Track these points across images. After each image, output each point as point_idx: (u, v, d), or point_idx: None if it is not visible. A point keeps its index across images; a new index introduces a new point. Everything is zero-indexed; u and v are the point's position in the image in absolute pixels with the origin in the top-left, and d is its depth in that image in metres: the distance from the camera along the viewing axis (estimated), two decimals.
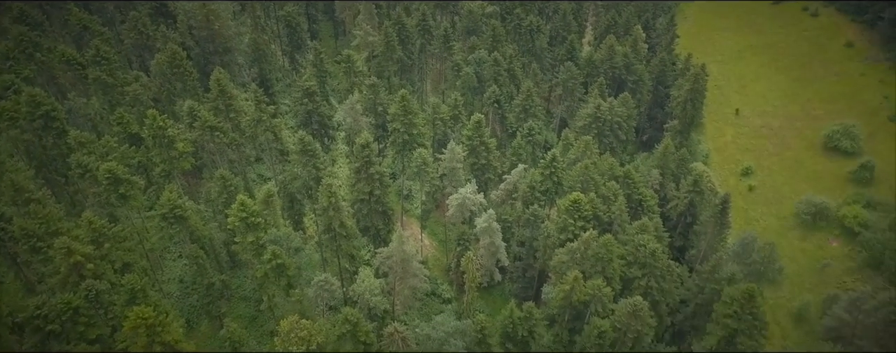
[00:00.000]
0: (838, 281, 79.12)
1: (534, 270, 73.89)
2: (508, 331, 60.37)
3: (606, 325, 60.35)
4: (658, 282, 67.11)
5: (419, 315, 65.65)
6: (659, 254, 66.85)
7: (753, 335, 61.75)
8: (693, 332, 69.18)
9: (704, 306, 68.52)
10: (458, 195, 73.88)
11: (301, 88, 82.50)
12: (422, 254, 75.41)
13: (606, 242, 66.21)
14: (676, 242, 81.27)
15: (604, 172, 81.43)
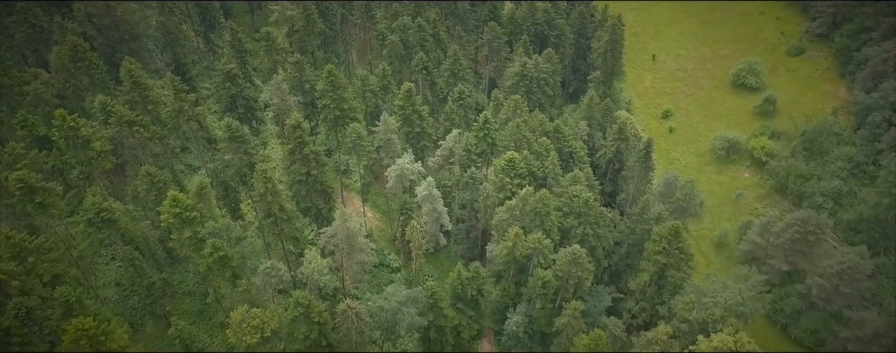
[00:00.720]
0: (751, 208, 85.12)
1: (477, 230, 75.23)
2: (458, 292, 61.69)
3: (549, 275, 62.60)
4: (593, 229, 69.81)
5: (370, 288, 65.93)
6: (592, 202, 69.26)
7: (681, 267, 65.79)
8: (628, 270, 73.03)
9: (636, 245, 72.12)
10: (397, 166, 73.42)
11: (222, 71, 78.17)
12: (366, 227, 75.09)
13: (543, 196, 67.89)
14: (607, 188, 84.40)
15: (535, 129, 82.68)
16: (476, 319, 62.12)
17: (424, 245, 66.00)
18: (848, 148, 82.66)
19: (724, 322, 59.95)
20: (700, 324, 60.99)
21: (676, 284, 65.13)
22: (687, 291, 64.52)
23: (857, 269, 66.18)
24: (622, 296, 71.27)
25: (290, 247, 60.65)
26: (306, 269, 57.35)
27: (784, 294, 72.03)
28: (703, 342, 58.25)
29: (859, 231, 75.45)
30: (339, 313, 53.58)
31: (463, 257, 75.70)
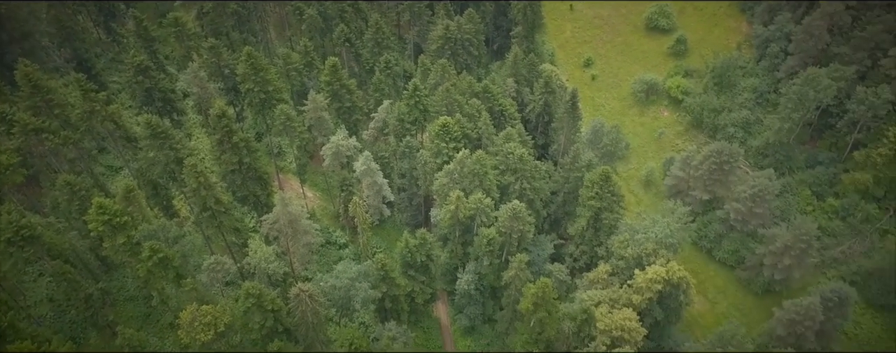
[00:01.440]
0: (672, 145, 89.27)
1: (418, 197, 75.45)
2: (408, 260, 62.25)
3: (493, 232, 63.95)
4: (530, 183, 71.35)
5: (320, 268, 65.40)
6: (526, 158, 70.51)
7: (614, 209, 68.69)
8: (566, 217, 75.59)
9: (572, 193, 74.47)
10: (332, 144, 71.87)
11: (131, 65, 72.73)
12: (307, 208, 73.68)
13: (479, 157, 68.50)
14: (539, 141, 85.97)
15: (464, 91, 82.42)
16: (428, 283, 63.16)
17: (369, 219, 65.70)
18: (752, 79, 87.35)
19: (657, 255, 63.53)
20: (635, 259, 64.49)
21: (611, 225, 68.11)
22: (621, 230, 67.68)
23: (766, 191, 71.21)
24: (563, 242, 73.99)
25: (233, 238, 58.94)
26: (252, 258, 56.09)
27: (707, 221, 76.88)
28: (639, 275, 61.84)
29: (766, 155, 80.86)
30: (292, 298, 53.05)
31: (408, 224, 76.04)
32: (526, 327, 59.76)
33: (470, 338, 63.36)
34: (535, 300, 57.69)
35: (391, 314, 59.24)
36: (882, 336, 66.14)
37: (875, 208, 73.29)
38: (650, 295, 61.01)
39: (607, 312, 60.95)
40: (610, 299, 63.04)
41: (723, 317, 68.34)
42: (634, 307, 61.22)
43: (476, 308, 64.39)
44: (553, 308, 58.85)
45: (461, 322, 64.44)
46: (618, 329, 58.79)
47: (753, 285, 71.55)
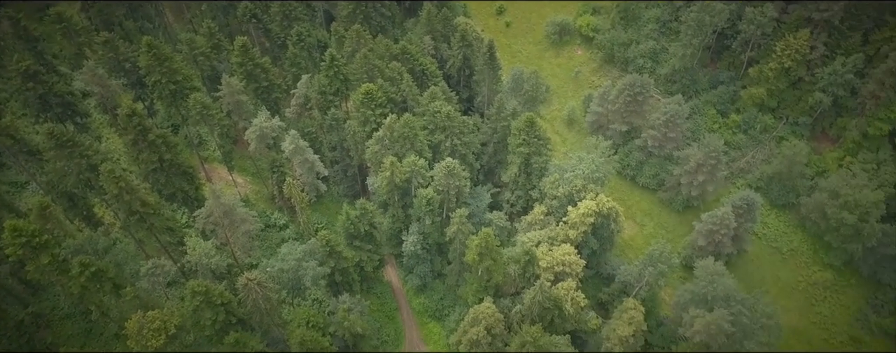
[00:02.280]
0: (589, 82, 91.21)
1: (352, 168, 74.27)
2: (351, 231, 61.93)
3: (430, 192, 64.24)
4: (460, 138, 71.43)
5: (264, 253, 63.96)
6: (453, 114, 70.21)
7: (541, 152, 70.13)
8: (498, 166, 76.72)
9: (501, 142, 75.31)
10: (255, 127, 68.82)
11: (17, 71, 65.69)
12: (240, 195, 71.08)
13: (407, 120, 67.65)
14: (463, 95, 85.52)
15: (382, 54, 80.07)
16: (375, 250, 63.29)
17: (306, 197, 64.25)
18: (654, 10, 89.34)
19: (586, 190, 65.98)
20: (567, 197, 66.78)
21: (541, 168, 69.75)
22: (551, 171, 69.54)
23: (677, 115, 74.59)
24: (499, 189, 75.36)
25: (167, 238, 56.35)
26: (192, 256, 54.07)
27: (627, 151, 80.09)
28: (572, 211, 64.25)
29: (674, 81, 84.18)
30: (240, 288, 51.87)
31: (346, 196, 75.07)
32: (474, 276, 61.52)
33: (423, 295, 64.71)
34: (480, 250, 59.17)
35: (343, 287, 59.32)
36: (785, 231, 72.59)
37: (771, 119, 78.52)
38: (584, 228, 63.73)
39: (548, 250, 63.41)
40: (548, 237, 65.49)
41: (651, 237, 72.66)
42: (571, 242, 63.95)
43: (425, 267, 65.43)
44: (497, 255, 60.65)
45: (412, 282, 65.49)
46: (559, 265, 61.44)
47: (674, 203, 76.05)
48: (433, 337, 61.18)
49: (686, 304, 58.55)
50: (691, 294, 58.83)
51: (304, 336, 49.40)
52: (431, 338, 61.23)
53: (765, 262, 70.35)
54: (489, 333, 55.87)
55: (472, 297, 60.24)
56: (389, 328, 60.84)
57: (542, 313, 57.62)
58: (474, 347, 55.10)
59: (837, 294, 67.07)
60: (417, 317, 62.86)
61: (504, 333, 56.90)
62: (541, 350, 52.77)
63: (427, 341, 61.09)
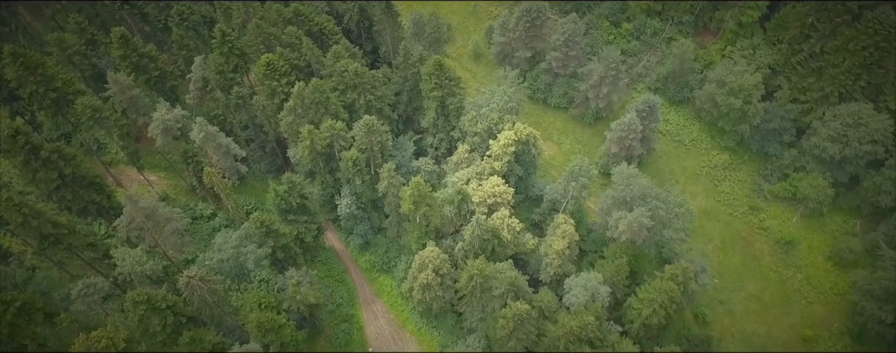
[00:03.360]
0: (488, 14, 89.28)
1: (270, 143, 70.80)
2: (283, 207, 59.91)
3: (354, 153, 62.61)
4: (372, 93, 69.07)
5: (198, 247, 61.06)
6: (361, 70, 67.35)
7: (455, 92, 69.15)
8: (416, 113, 75.31)
9: (414, 90, 73.55)
10: (156, 121, 63.49)
11: None
12: (158, 193, 66.59)
13: (315, 85, 64.47)
14: (367, 47, 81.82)
15: (275, 21, 74.57)
16: (311, 220, 61.86)
17: (228, 182, 60.99)
18: None
19: (503, 121, 66.20)
20: (487, 132, 66.93)
21: (457, 107, 69.01)
22: (467, 109, 69.02)
23: (575, 33, 74.76)
24: (421, 135, 74.42)
25: (90, 254, 52.46)
26: (123, 266, 50.82)
27: (535, 75, 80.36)
28: (494, 144, 64.67)
29: (569, 0, 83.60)
30: (183, 287, 49.65)
31: (270, 173, 71.98)
32: (413, 224, 61.72)
33: (367, 253, 64.57)
34: (414, 199, 58.99)
35: (287, 262, 58.11)
36: (685, 125, 76.52)
37: (658, 22, 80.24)
38: (508, 158, 64.52)
39: (478, 185, 64.13)
40: (476, 173, 66.07)
41: (570, 153, 74.78)
42: (498, 173, 64.84)
43: (364, 225, 64.87)
44: (432, 200, 60.73)
45: (354, 242, 64.99)
46: (491, 197, 62.47)
47: (585, 118, 77.99)
48: (385, 289, 61.88)
49: (609, 208, 61.46)
50: (612, 199, 61.64)
51: (259, 318, 48.54)
52: (384, 290, 61.93)
53: (671, 155, 74.38)
54: (437, 274, 56.94)
55: (415, 244, 60.70)
56: (341, 291, 60.87)
57: (483, 244, 59.05)
58: (427, 291, 56.21)
59: (735, 172, 72.38)
60: (366, 274, 63.06)
61: (451, 271, 58.16)
62: (487, 279, 54.48)
63: (380, 294, 61.77)
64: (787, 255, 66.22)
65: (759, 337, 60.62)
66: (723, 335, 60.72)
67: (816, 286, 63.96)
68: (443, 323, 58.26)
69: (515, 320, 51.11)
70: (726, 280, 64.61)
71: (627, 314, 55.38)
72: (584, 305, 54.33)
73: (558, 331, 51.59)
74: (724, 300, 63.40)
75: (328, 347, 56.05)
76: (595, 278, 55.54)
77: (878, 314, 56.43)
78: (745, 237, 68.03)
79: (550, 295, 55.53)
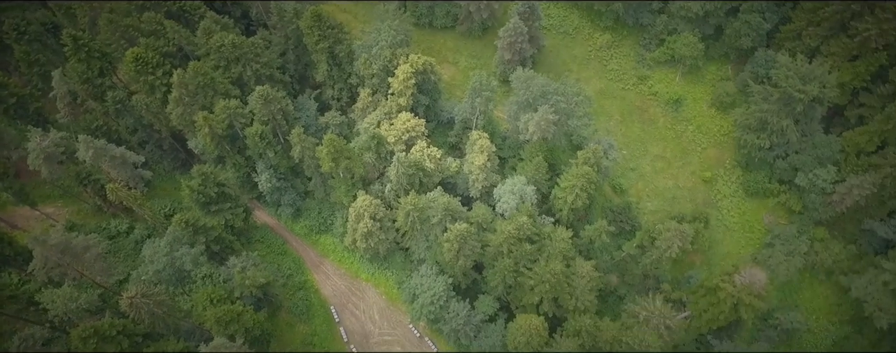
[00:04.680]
0: None
1: (166, 139, 63.26)
2: (202, 200, 54.59)
3: (257, 127, 58.09)
4: (257, 62, 62.18)
5: (127, 265, 55.25)
6: (238, 40, 60.36)
7: (341, 39, 63.73)
8: (308, 68, 69.12)
9: (299, 46, 67.09)
10: (33, 152, 54.73)
11: None
12: (63, 224, 58.45)
13: (195, 68, 57.88)
14: (235, 14, 72.42)
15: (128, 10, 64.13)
16: (235, 205, 57.15)
17: (135, 192, 54.42)
18: None
19: (397, 56, 61.51)
20: (384, 70, 62.34)
21: (347, 54, 63.61)
22: (358, 53, 63.81)
23: None
24: (319, 90, 68.68)
25: (14, 307, 46.46)
26: (55, 308, 45.34)
27: (415, 4, 74.37)
28: (393, 80, 60.65)
29: None
30: (126, 309, 45.15)
31: (176, 170, 65.19)
32: (339, 180, 58.38)
33: (301, 219, 61.11)
34: (332, 155, 55.27)
35: (224, 252, 54.05)
36: (566, 16, 74.49)
37: None
38: (410, 91, 60.98)
39: (389, 125, 60.66)
40: (384, 114, 62.40)
41: (467, 70, 71.83)
42: (405, 108, 61.48)
43: (289, 194, 60.80)
44: (349, 152, 57.25)
45: (285, 212, 61.07)
46: (405, 133, 59.53)
47: (473, 32, 74.33)
48: (329, 248, 59.50)
49: (516, 113, 60.15)
50: (516, 104, 60.16)
51: (216, 313, 45.54)
52: (328, 250, 59.52)
53: (560, 48, 72.84)
54: (375, 220, 54.98)
55: (346, 197, 57.89)
56: (287, 262, 57.99)
57: (410, 180, 57.03)
58: (369, 238, 54.30)
59: (618, 49, 72.14)
60: (306, 240, 60.11)
61: (387, 213, 56.25)
62: (422, 211, 52.94)
63: (325, 254, 59.31)
64: (677, 112, 68.29)
65: (669, 190, 63.71)
66: (639, 197, 63.36)
67: (706, 133, 66.95)
68: (393, 263, 57.29)
69: (458, 240, 50.66)
70: (632, 149, 66.41)
71: (555, 204, 56.12)
72: (515, 208, 54.34)
73: (499, 237, 51.74)
74: (634, 167, 65.51)
75: (290, 319, 54.12)
76: (519, 181, 55.29)
77: (756, 142, 59.93)
78: (639, 106, 69.25)
79: (484, 208, 55.07)
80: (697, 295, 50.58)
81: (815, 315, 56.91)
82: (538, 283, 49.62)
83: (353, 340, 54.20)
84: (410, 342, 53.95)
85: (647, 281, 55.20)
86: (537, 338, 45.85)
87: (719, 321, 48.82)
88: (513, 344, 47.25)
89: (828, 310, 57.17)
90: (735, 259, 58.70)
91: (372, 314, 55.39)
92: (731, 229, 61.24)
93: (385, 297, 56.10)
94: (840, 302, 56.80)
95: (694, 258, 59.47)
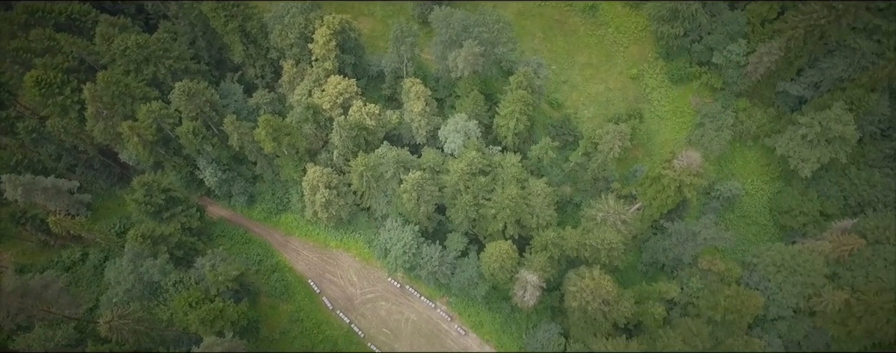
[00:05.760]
0: None
1: (96, 158, 56.02)
2: (151, 210, 49.52)
3: (187, 125, 52.50)
4: (166, 56, 55.60)
5: (93, 291, 50.37)
6: (141, 39, 54.85)
7: (250, 15, 58.03)
8: (223, 51, 62.29)
9: (208, 31, 61.39)
10: None
11: None
12: (12, 268, 51.72)
13: (105, 78, 52.55)
14: (130, 10, 63.11)
15: (11, 33, 54.01)
16: (186, 207, 52.03)
17: (79, 219, 48.35)
18: None
19: (311, 20, 56.28)
20: (302, 38, 56.93)
21: (260, 30, 57.48)
22: (271, 25, 58.34)
23: None
24: (240, 71, 61.68)
25: None
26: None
27: None
28: (314, 46, 55.45)
29: None
30: (107, 334, 40.87)
31: (114, 184, 58.93)
32: (284, 158, 53.42)
33: (256, 205, 57.00)
34: (271, 135, 50.48)
35: (188, 254, 49.57)
36: None
37: None
38: (333, 53, 55.71)
39: (321, 92, 55.02)
40: (313, 82, 56.87)
41: (386, 19, 67.07)
42: (332, 71, 56.16)
43: (238, 183, 55.77)
44: (288, 128, 52.54)
45: (239, 201, 56.24)
46: (338, 96, 54.68)
47: None
48: (292, 225, 55.70)
49: (443, 53, 55.87)
50: (441, 43, 55.69)
51: (198, 315, 42.29)
52: (291, 227, 55.88)
53: None
54: (330, 188, 50.97)
55: (296, 173, 53.56)
56: (253, 249, 54.25)
57: (355, 141, 52.90)
58: (329, 207, 50.51)
59: None
60: (266, 223, 55.92)
61: (341, 178, 52.24)
62: (375, 169, 49.01)
63: (290, 232, 55.85)
64: (595, 17, 64.47)
65: (601, 94, 61.42)
66: (576, 107, 61.06)
67: (625, 32, 63.96)
68: (358, 225, 54.29)
69: (415, 188, 47.79)
70: (560, 63, 63.07)
71: (499, 132, 53.43)
72: (463, 145, 51.12)
73: (453, 177, 49.11)
74: (566, 79, 62.50)
75: (272, 302, 51.15)
76: (460, 118, 52.10)
77: (671, 31, 57.70)
78: (558, 20, 64.98)
79: (433, 152, 51.95)
80: (644, 186, 49.82)
81: (749, 179, 57.48)
82: (499, 210, 47.74)
83: (338, 306, 52.35)
84: (393, 294, 52.21)
85: (598, 184, 54.05)
86: (509, 261, 44.41)
87: (668, 204, 48.56)
88: (488, 271, 45.82)
89: (759, 172, 57.70)
90: (672, 145, 57.94)
91: (350, 277, 52.97)
92: (664, 118, 59.94)
93: (358, 258, 53.47)
94: (768, 162, 57.32)
95: (636, 153, 58.31)
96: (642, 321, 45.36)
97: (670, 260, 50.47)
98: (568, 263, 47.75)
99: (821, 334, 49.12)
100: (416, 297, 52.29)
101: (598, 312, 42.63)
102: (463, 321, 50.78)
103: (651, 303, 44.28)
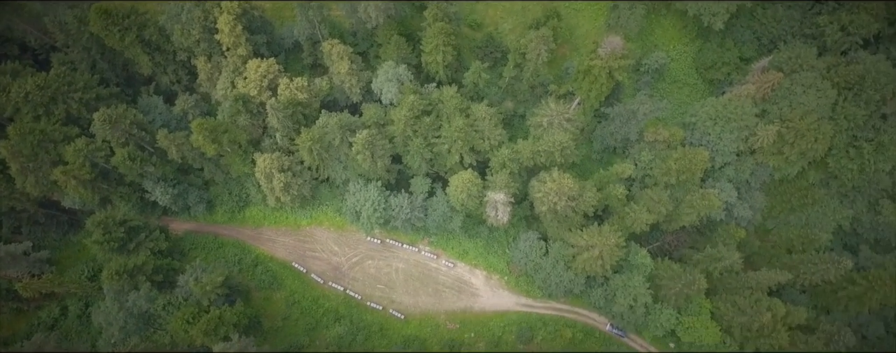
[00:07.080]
0: None
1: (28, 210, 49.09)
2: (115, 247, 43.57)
3: (119, 152, 44.94)
4: (68, 89, 47.53)
5: (86, 339, 46.04)
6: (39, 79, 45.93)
7: (145, 23, 50.40)
8: (129, 66, 54.51)
9: (105, 50, 52.85)
10: None
11: None
12: None
13: (17, 131, 45.68)
14: (13, 51, 52.86)
15: None
16: (149, 232, 47.35)
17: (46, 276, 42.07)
18: None
19: (209, 10, 48.53)
20: (206, 31, 49.76)
21: (159, 35, 50.38)
22: (170, 28, 50.58)
23: None
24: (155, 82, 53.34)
25: None
26: None
27: None
28: (220, 37, 47.65)
29: None
30: None
31: (68, 232, 52.52)
32: (229, 156, 48.01)
33: (217, 209, 52.34)
34: (209, 137, 45.06)
35: (167, 276, 44.47)
36: None
37: None
38: (242, 37, 49.83)
39: (243, 80, 48.45)
40: (232, 72, 50.92)
41: None
42: (247, 56, 49.96)
43: (192, 194, 50.33)
44: (223, 126, 47.28)
45: (198, 210, 51.14)
46: (262, 79, 49.02)
47: None
48: (259, 216, 51.69)
49: (353, 6, 50.87)
50: None
51: (200, 328, 38.07)
52: (259, 218, 52.03)
53: None
54: (285, 171, 45.67)
55: (245, 167, 48.23)
56: (229, 251, 50.53)
57: (293, 119, 46.93)
58: (290, 189, 45.48)
59: None
60: (232, 223, 51.28)
61: (292, 157, 46.61)
62: (322, 140, 43.53)
63: (259, 223, 51.99)
64: None
65: (515, 3, 55.22)
66: (495, 23, 56.20)
67: None
68: (324, 197, 50.10)
69: (366, 146, 43.97)
70: None
71: (430, 69, 48.38)
72: (399, 92, 45.52)
73: (399, 125, 44.80)
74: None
75: (265, 294, 47.63)
76: (389, 67, 47.58)
77: None
78: None
79: (372, 107, 47.42)
80: (578, 81, 46.60)
81: (671, 45, 55.17)
82: (451, 143, 44.27)
83: (329, 278, 50.34)
84: (377, 251, 50.04)
85: (536, 91, 50.68)
86: (474, 187, 41.21)
87: (604, 92, 46.21)
88: (458, 203, 42.58)
89: (678, 36, 55.11)
90: (594, 35, 54.14)
91: (331, 248, 49.85)
92: (580, 10, 55.67)
93: (333, 229, 49.85)
94: (684, 25, 54.77)
95: (563, 51, 54.31)
96: (608, 204, 43.78)
97: (619, 142, 49.59)
98: (528, 173, 46.49)
99: (763, 169, 48.88)
100: (399, 247, 49.96)
101: (567, 208, 40.93)
102: (448, 254, 48.98)
103: (612, 186, 42.69)
